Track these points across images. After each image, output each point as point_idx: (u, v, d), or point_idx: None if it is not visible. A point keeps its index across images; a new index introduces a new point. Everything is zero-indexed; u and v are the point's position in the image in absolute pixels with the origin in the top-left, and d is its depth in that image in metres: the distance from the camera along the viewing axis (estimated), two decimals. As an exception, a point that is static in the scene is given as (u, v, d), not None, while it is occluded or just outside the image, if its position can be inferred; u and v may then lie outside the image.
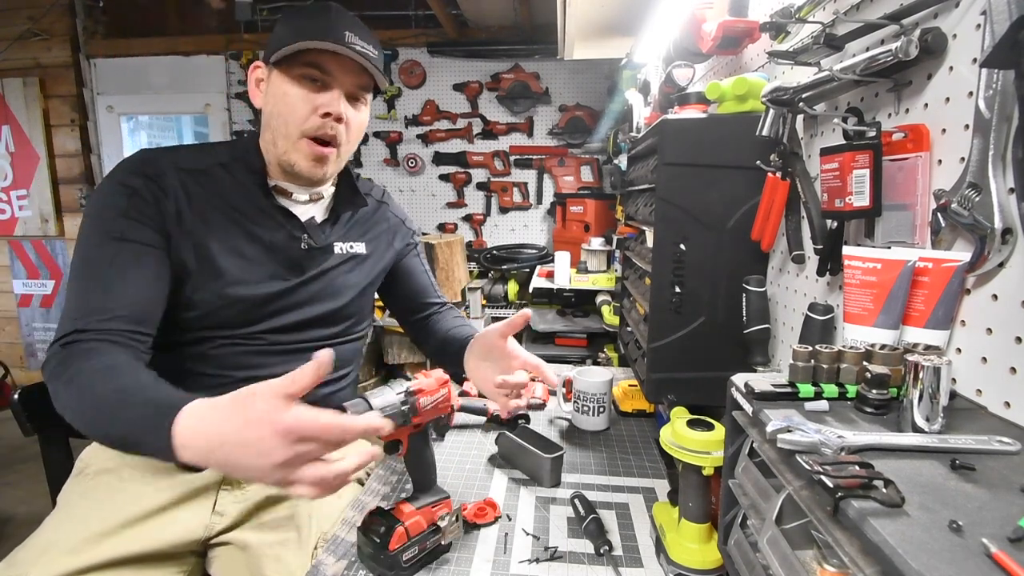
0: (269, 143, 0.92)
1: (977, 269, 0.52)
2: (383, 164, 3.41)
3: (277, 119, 0.88)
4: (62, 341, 0.74)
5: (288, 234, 0.93)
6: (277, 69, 0.87)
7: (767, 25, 0.78)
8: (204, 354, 0.87)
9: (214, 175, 0.90)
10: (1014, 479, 0.39)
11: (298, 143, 0.88)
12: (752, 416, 0.53)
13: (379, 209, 1.10)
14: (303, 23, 0.85)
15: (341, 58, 0.86)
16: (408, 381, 0.74)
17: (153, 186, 0.84)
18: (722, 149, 0.90)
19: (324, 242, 0.97)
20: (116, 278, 0.78)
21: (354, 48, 0.85)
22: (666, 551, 0.72)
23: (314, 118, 0.87)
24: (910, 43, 0.56)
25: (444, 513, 0.76)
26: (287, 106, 0.87)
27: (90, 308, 0.76)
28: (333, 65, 0.87)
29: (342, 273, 0.99)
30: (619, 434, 1.13)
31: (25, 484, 2.38)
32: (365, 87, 0.92)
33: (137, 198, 0.82)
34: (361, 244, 1.03)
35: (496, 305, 3.25)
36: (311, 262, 0.95)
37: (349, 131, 0.92)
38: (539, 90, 3.22)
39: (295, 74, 0.86)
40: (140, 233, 0.81)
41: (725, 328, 0.93)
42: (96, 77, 3.39)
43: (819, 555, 0.45)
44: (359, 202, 1.04)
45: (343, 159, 0.96)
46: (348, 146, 0.94)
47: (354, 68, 0.88)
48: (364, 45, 0.87)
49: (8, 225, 3.41)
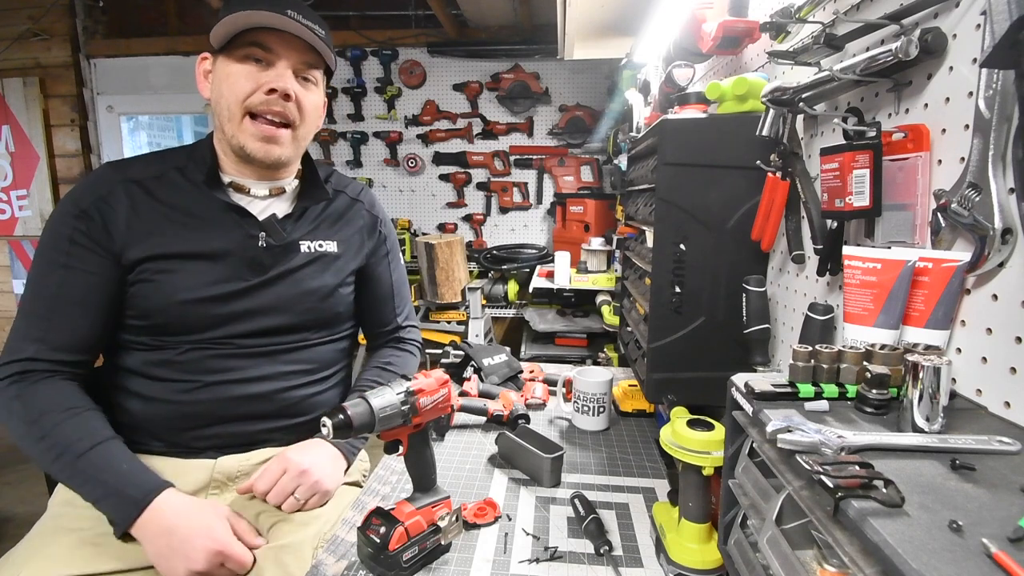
0: (219, 132, 0.91)
1: (977, 269, 0.52)
2: (383, 164, 3.41)
3: (220, 103, 0.87)
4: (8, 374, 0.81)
5: (245, 233, 0.90)
6: (222, 55, 0.87)
7: (767, 25, 0.78)
8: (171, 360, 0.87)
9: (169, 180, 0.90)
10: (1014, 479, 0.39)
11: (244, 123, 0.87)
12: (752, 416, 0.53)
13: (353, 206, 1.05)
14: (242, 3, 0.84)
15: (284, 35, 0.85)
16: (408, 381, 0.74)
17: (102, 205, 0.85)
18: (722, 149, 0.90)
19: (285, 240, 0.93)
20: (60, 308, 0.83)
21: (298, 21, 0.84)
22: (666, 551, 0.72)
23: (258, 94, 0.85)
24: (910, 43, 0.56)
25: (444, 513, 0.76)
26: (230, 86, 0.86)
27: (34, 337, 0.83)
28: (276, 42, 0.85)
29: (311, 274, 0.96)
30: (619, 434, 1.13)
31: (25, 484, 2.38)
32: (313, 64, 0.90)
33: (84, 220, 0.84)
34: (332, 243, 0.99)
35: (496, 305, 3.25)
36: (273, 261, 0.92)
37: (302, 111, 0.90)
38: (539, 90, 3.22)
39: (238, 56, 0.85)
40: (85, 259, 0.84)
41: (725, 328, 0.93)
42: (96, 77, 3.39)
43: (819, 555, 0.45)
44: (320, 195, 1.00)
45: (300, 143, 0.93)
46: (304, 128, 0.92)
47: (299, 45, 0.87)
48: (308, 22, 0.86)
49: (8, 225, 3.41)
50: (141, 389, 0.87)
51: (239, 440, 0.91)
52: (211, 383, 0.88)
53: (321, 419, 0.66)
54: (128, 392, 0.88)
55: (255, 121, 0.87)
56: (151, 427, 0.88)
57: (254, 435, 0.92)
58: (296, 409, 0.95)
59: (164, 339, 0.87)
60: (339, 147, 3.42)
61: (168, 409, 0.87)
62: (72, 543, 0.79)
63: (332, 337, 1.01)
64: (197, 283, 0.86)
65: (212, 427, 0.89)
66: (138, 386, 0.87)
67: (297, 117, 0.90)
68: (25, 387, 0.81)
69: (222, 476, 0.90)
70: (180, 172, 0.91)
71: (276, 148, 0.89)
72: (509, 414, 1.13)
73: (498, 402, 1.17)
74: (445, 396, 0.77)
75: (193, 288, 0.86)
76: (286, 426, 0.95)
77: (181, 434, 0.88)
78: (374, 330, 1.13)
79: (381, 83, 3.29)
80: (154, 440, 0.89)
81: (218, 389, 0.88)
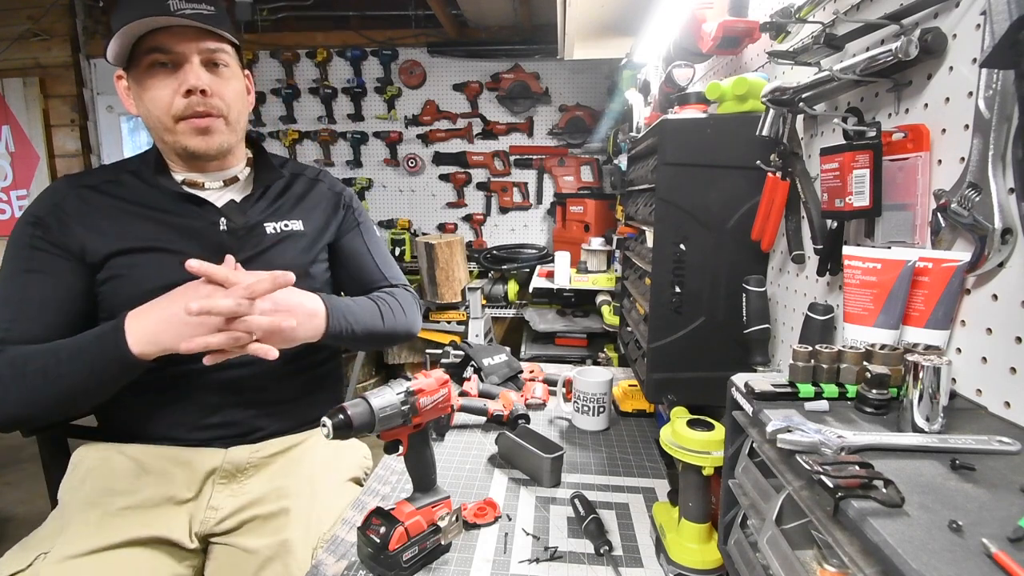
0: (159, 142, 0.92)
1: (977, 269, 0.52)
2: (383, 164, 3.41)
3: (150, 119, 0.88)
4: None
5: (206, 221, 0.92)
6: (131, 71, 0.86)
7: (767, 25, 0.78)
8: None
9: (123, 182, 0.91)
10: (1014, 479, 0.39)
11: (177, 127, 0.87)
12: (752, 416, 0.53)
13: (314, 186, 1.07)
14: (122, 10, 0.81)
15: (175, 30, 0.83)
16: (408, 381, 0.74)
17: (58, 211, 0.87)
18: (722, 149, 0.90)
19: (248, 222, 0.94)
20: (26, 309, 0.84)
21: (183, 13, 0.81)
22: (666, 551, 0.72)
23: (178, 100, 0.85)
24: (910, 43, 0.56)
25: (444, 513, 0.76)
26: (151, 101, 0.86)
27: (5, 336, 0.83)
28: (171, 40, 0.83)
29: (281, 252, 0.97)
30: (619, 434, 1.13)
31: (25, 484, 2.38)
32: (217, 48, 0.88)
33: (40, 227, 0.86)
34: (297, 222, 1.00)
35: (496, 305, 3.25)
36: (239, 245, 0.92)
37: (224, 98, 0.89)
38: (539, 90, 3.22)
39: (144, 67, 0.85)
40: (47, 263, 0.85)
41: (725, 328, 0.93)
42: (96, 77, 3.39)
43: (819, 555, 0.45)
44: (275, 176, 1.01)
45: (236, 127, 0.93)
46: (234, 112, 0.91)
47: (195, 34, 0.84)
48: (195, 6, 0.83)
49: (8, 225, 3.41)
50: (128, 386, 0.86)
51: (236, 430, 0.92)
52: (192, 372, 0.87)
53: (321, 419, 0.66)
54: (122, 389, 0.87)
55: (186, 121, 0.87)
56: (146, 421, 0.89)
57: (247, 421, 0.93)
58: (284, 393, 0.96)
59: None
60: (339, 147, 3.42)
61: (156, 401, 0.89)
62: (96, 517, 0.81)
63: None
64: (164, 272, 0.85)
65: (203, 417, 0.90)
66: None
67: (223, 106, 0.89)
68: None
69: (231, 467, 0.90)
70: (133, 175, 0.92)
71: (214, 137, 0.89)
72: (509, 414, 1.13)
73: (498, 402, 1.17)
74: (445, 396, 0.77)
75: (159, 277, 0.85)
76: (278, 411, 0.95)
77: (175, 427, 0.90)
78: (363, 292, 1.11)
79: (381, 83, 3.29)
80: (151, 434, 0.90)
81: (200, 378, 0.88)
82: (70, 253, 0.86)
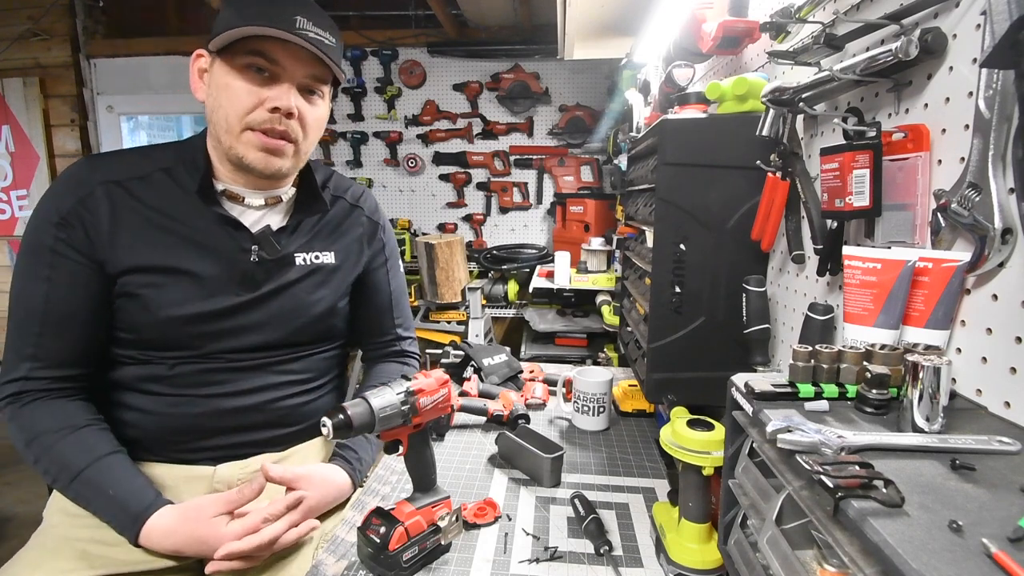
0: (214, 141, 0.84)
1: (977, 269, 0.52)
2: (383, 164, 3.41)
3: (218, 113, 0.80)
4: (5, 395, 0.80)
5: (237, 246, 0.85)
6: (220, 58, 0.79)
7: (767, 25, 0.78)
8: (160, 375, 0.84)
9: (154, 182, 0.84)
10: (1014, 479, 0.39)
11: (243, 135, 0.80)
12: (752, 416, 0.53)
13: (352, 213, 1.00)
14: (247, 5, 0.77)
15: (291, 46, 0.77)
16: (408, 381, 0.74)
17: (82, 210, 0.80)
18: (722, 149, 0.90)
19: (280, 253, 0.88)
20: (51, 323, 0.80)
21: (306, 35, 0.77)
22: (666, 551, 0.72)
23: (260, 111, 0.79)
24: (910, 43, 0.56)
25: (444, 513, 0.76)
26: (229, 99, 0.79)
27: (27, 355, 0.80)
28: (282, 54, 0.78)
29: (308, 288, 0.91)
30: (619, 434, 1.13)
31: (25, 484, 2.38)
32: (320, 78, 0.83)
33: (65, 229, 0.79)
34: (329, 254, 0.94)
35: (496, 305, 3.25)
36: (267, 276, 0.87)
37: (305, 127, 0.84)
38: (539, 90, 3.22)
39: (239, 64, 0.78)
40: (69, 271, 0.80)
41: (725, 328, 0.93)
42: (96, 77, 3.39)
43: (819, 555, 0.45)
44: (318, 207, 0.94)
45: (302, 156, 0.88)
46: (307, 143, 0.86)
47: (306, 57, 0.79)
48: (318, 31, 0.79)
49: (8, 225, 3.41)
50: (133, 402, 0.85)
51: (235, 452, 0.90)
52: (201, 397, 0.85)
53: (321, 419, 0.66)
54: (121, 405, 0.86)
55: (256, 132, 0.81)
56: (145, 439, 0.86)
57: (249, 445, 0.91)
58: (290, 418, 0.93)
59: (151, 354, 0.84)
60: (339, 147, 3.42)
61: (160, 422, 0.85)
62: (72, 553, 0.79)
63: (327, 347, 0.98)
64: (184, 299, 0.82)
65: (205, 439, 0.87)
66: (130, 399, 0.85)
67: (300, 134, 0.84)
68: (18, 409, 0.79)
69: (222, 484, 0.88)
70: (167, 174, 0.84)
71: (277, 160, 0.83)
72: (509, 414, 1.13)
73: (498, 402, 1.17)
74: (445, 396, 0.77)
75: (180, 305, 0.82)
76: (281, 435, 0.93)
77: (175, 446, 0.87)
78: (373, 340, 1.09)
79: (381, 83, 3.29)
80: (149, 451, 0.87)
81: (209, 403, 0.86)
82: (93, 260, 0.80)
